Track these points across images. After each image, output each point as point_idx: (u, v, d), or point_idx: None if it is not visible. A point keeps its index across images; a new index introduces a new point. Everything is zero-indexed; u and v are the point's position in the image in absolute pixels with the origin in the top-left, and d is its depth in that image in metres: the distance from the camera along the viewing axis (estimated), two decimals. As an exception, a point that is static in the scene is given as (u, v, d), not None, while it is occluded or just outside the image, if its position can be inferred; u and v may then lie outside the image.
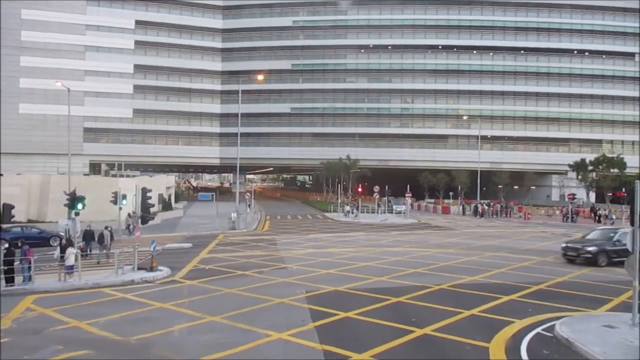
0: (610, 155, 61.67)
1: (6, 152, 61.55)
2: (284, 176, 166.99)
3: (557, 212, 57.88)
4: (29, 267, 18.14)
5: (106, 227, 25.31)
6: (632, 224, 12.68)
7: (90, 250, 24.82)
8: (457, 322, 13.32)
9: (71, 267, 18.91)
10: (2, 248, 18.19)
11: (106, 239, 24.65)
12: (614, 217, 44.32)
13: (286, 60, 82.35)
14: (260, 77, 65.66)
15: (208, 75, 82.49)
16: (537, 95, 79.76)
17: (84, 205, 25.51)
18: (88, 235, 25.23)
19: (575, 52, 79.15)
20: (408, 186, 55.96)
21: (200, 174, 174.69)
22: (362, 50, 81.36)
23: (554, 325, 12.74)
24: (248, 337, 11.86)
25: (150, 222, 35.07)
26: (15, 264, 18.39)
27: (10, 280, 17.90)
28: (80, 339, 11.98)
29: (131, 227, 35.80)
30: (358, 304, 15.07)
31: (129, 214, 36.24)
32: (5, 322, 13.49)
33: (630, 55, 78.93)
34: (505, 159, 77.64)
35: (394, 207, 58.51)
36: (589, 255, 22.48)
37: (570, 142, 79.72)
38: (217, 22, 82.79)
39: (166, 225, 41.68)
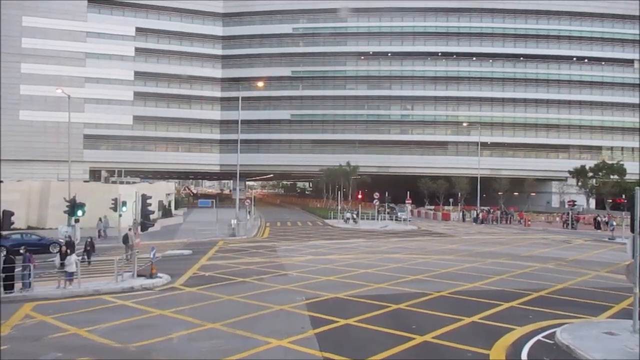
0: (610, 162, 61.77)
1: (6, 158, 61.64)
2: (284, 183, 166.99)
3: (557, 218, 57.76)
4: (29, 274, 18.10)
5: (129, 229, 25.57)
6: (633, 230, 12.70)
7: None
8: (458, 329, 13.31)
9: (72, 274, 18.89)
10: (2, 255, 18.16)
11: (131, 240, 24.80)
12: (614, 223, 44.08)
13: (286, 67, 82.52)
14: (260, 84, 65.70)
15: (208, 82, 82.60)
16: (537, 101, 79.87)
17: (83, 212, 25.59)
18: (70, 246, 24.94)
19: (575, 58, 79.27)
20: (408, 193, 55.86)
21: (200, 180, 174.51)
22: (362, 57, 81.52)
23: (554, 332, 12.74)
24: (248, 344, 11.85)
25: (150, 229, 35.01)
26: (16, 270, 18.33)
27: (9, 287, 17.85)
28: (80, 346, 11.96)
29: (101, 231, 35.78)
30: (358, 311, 15.06)
31: (100, 219, 35.90)
32: (5, 329, 13.46)
33: (630, 62, 79.09)
34: (505, 165, 77.62)
35: (398, 213, 57.32)
36: None
37: (570, 149, 79.69)
38: (218, 30, 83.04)
39: (166, 232, 41.58)
